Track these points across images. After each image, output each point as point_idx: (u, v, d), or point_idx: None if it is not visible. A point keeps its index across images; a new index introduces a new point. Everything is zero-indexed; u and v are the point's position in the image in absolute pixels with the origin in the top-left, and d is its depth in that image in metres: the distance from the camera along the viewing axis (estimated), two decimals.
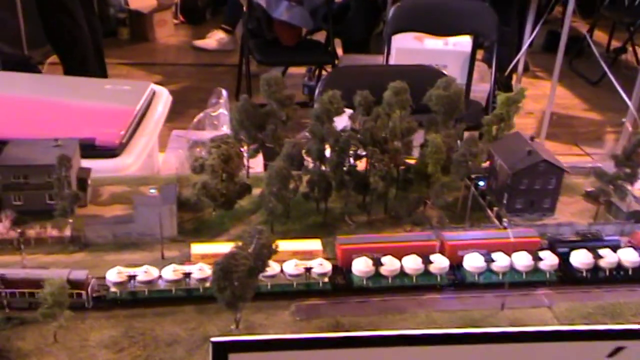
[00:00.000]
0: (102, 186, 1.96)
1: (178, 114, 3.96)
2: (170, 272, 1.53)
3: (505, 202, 1.80)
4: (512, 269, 1.58)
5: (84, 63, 5.17)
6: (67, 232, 1.70)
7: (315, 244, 1.62)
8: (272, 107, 1.91)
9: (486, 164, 1.91)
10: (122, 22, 7.36)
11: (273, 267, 1.52)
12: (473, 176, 1.89)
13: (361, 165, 1.84)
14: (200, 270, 1.53)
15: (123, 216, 1.78)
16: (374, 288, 1.56)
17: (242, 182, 1.83)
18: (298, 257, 1.58)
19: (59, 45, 5.34)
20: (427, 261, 1.58)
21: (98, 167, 2.06)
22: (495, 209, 1.81)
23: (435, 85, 1.87)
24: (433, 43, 5.30)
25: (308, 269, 1.54)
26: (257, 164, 2.17)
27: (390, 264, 1.57)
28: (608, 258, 1.61)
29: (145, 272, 1.52)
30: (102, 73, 5.41)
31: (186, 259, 1.63)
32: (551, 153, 1.85)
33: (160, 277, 1.53)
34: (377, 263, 1.56)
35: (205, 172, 1.78)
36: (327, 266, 1.56)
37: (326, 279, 1.56)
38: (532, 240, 1.63)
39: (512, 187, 1.79)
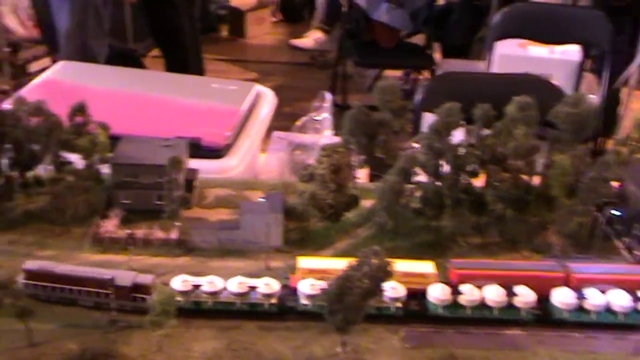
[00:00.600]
0: (208, 188, 1.93)
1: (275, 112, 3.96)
2: (235, 285, 1.48)
3: (637, 232, 1.65)
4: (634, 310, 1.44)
5: (185, 58, 5.26)
6: (173, 235, 1.68)
7: (427, 267, 1.53)
8: (385, 117, 1.83)
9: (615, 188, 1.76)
10: (222, 19, 7.47)
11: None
12: (601, 202, 1.75)
13: (477, 183, 1.73)
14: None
15: (229, 222, 1.74)
16: (450, 317, 1.46)
17: (350, 193, 1.75)
18: (409, 279, 1.49)
19: (161, 38, 5.45)
20: (510, 293, 1.46)
21: (202, 167, 2.04)
22: (625, 239, 1.67)
23: (563, 100, 1.74)
24: (538, 51, 5.07)
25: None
26: (362, 174, 2.10)
27: (469, 293, 1.46)
28: None
29: (209, 283, 1.48)
30: (200, 68, 5.49)
31: (291, 271, 1.57)
32: None
33: (225, 288, 1.48)
34: (456, 291, 1.46)
35: (314, 182, 1.72)
36: (401, 290, 1.47)
37: (399, 304, 1.47)
38: None
39: None
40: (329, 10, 6.89)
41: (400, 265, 1.50)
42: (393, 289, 1.46)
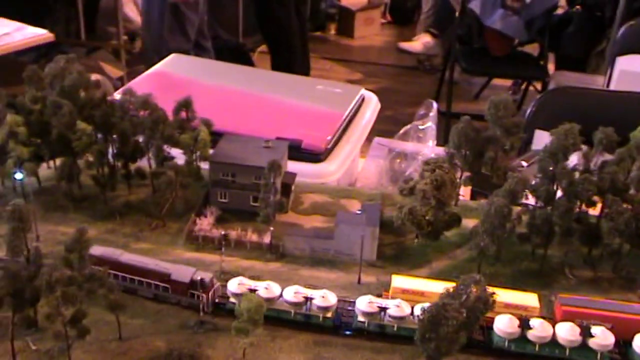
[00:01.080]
0: (304, 193, 1.89)
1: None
2: (292, 294, 1.42)
3: None
4: None
5: (291, 55, 5.30)
6: (266, 239, 1.65)
7: (531, 299, 1.42)
8: (495, 133, 1.73)
9: None
10: (331, 18, 7.48)
11: None
12: None
13: (592, 212, 1.61)
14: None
15: (323, 231, 1.70)
16: (515, 352, 1.35)
17: (451, 212, 1.67)
18: (510, 311, 1.39)
19: (269, 35, 5.51)
20: (586, 333, 1.33)
21: (301, 170, 2.01)
22: None
23: None
24: None
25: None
26: (464, 191, 2.00)
27: (540, 329, 1.34)
28: None
29: (265, 289, 1.43)
30: (306, 67, 5.50)
31: (384, 288, 1.51)
32: None
33: (280, 296, 1.43)
34: (525, 325, 1.35)
35: (415, 197, 1.64)
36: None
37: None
38: None
39: None
40: (439, 14, 6.75)
41: (501, 294, 1.41)
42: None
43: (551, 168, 1.53)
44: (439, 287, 1.32)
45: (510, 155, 1.76)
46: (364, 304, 1.41)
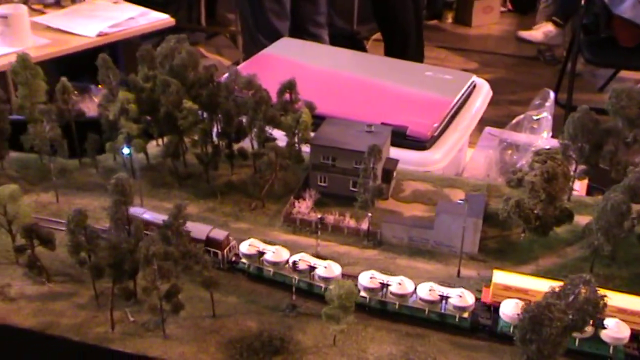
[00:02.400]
0: (406, 180, 1.84)
1: (492, 104, 3.74)
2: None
3: None
4: None
5: (405, 43, 5.20)
6: (364, 225, 1.61)
7: None
8: (617, 125, 1.60)
9: None
10: (449, 6, 7.30)
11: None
12: None
13: None
14: (400, 285, 1.33)
15: (422, 220, 1.64)
16: None
17: (563, 207, 1.56)
18: (623, 316, 1.28)
19: (384, 22, 5.44)
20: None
21: (405, 157, 1.96)
22: None
23: None
24: None
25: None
26: (580, 186, 1.88)
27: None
28: None
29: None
30: (420, 55, 5.39)
31: (485, 284, 1.43)
32: None
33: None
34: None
35: (523, 189, 1.55)
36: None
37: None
38: None
39: None
40: (563, 2, 6.40)
41: (613, 297, 1.30)
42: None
43: None
44: (545, 285, 1.23)
45: (633, 148, 1.62)
46: (366, 279, 1.38)
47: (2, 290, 1.42)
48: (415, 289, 1.38)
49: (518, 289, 1.34)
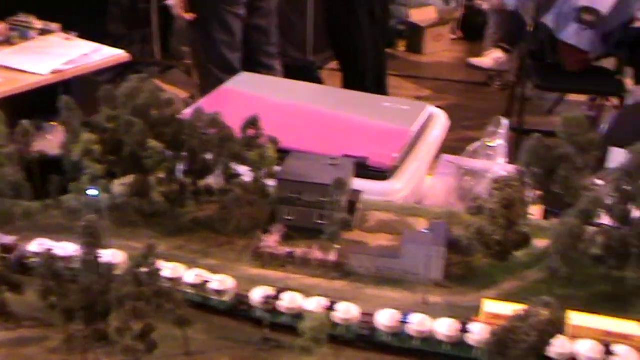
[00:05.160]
0: (370, 211, 1.88)
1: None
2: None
3: None
4: None
5: (363, 75, 5.28)
6: (332, 257, 1.65)
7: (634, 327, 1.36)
8: (568, 151, 1.67)
9: None
10: (401, 34, 7.47)
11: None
12: None
13: None
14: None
15: (388, 249, 1.68)
16: None
17: (521, 231, 1.62)
18: (612, 339, 1.33)
19: (341, 52, 5.52)
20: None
21: (367, 188, 2.00)
22: None
23: None
24: None
25: None
26: (535, 210, 1.94)
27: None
28: None
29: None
30: (382, 88, 5.45)
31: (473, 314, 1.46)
32: None
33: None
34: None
35: (483, 216, 1.61)
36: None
37: None
38: None
39: None
40: (510, 28, 6.63)
41: (595, 321, 1.35)
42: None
43: (628, 187, 1.47)
44: None
45: (584, 173, 1.70)
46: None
47: None
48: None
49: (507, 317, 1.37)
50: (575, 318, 1.35)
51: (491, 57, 6.69)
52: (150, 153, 1.66)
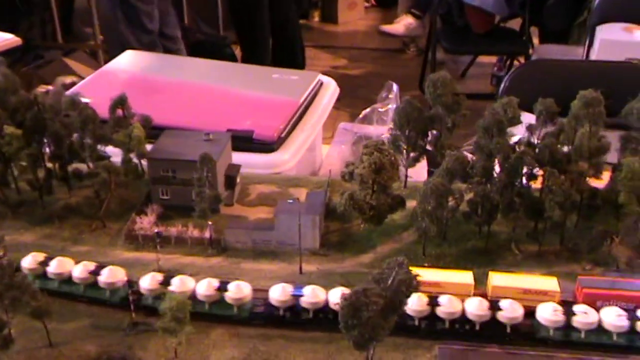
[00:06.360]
0: (252, 184, 1.86)
1: (359, 99, 3.82)
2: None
3: None
4: None
5: (257, 47, 5.23)
6: (207, 234, 1.62)
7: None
8: (437, 112, 1.69)
9: None
10: (315, 5, 7.42)
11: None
12: None
13: (536, 185, 1.56)
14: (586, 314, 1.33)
15: (264, 222, 1.67)
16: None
17: (395, 194, 1.63)
18: (530, 297, 1.35)
19: (239, 26, 5.44)
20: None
21: (253, 162, 1.98)
22: None
23: (638, 97, 1.54)
24: None
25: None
26: (420, 173, 1.96)
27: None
28: None
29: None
30: (297, 60, 5.40)
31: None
32: None
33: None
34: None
35: (355, 181, 1.61)
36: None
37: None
38: None
39: None
40: None
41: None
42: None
43: (487, 144, 1.49)
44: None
45: (455, 133, 1.72)
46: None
47: None
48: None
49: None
50: (495, 278, 1.38)
51: (402, 24, 6.72)
52: (8, 140, 1.58)
